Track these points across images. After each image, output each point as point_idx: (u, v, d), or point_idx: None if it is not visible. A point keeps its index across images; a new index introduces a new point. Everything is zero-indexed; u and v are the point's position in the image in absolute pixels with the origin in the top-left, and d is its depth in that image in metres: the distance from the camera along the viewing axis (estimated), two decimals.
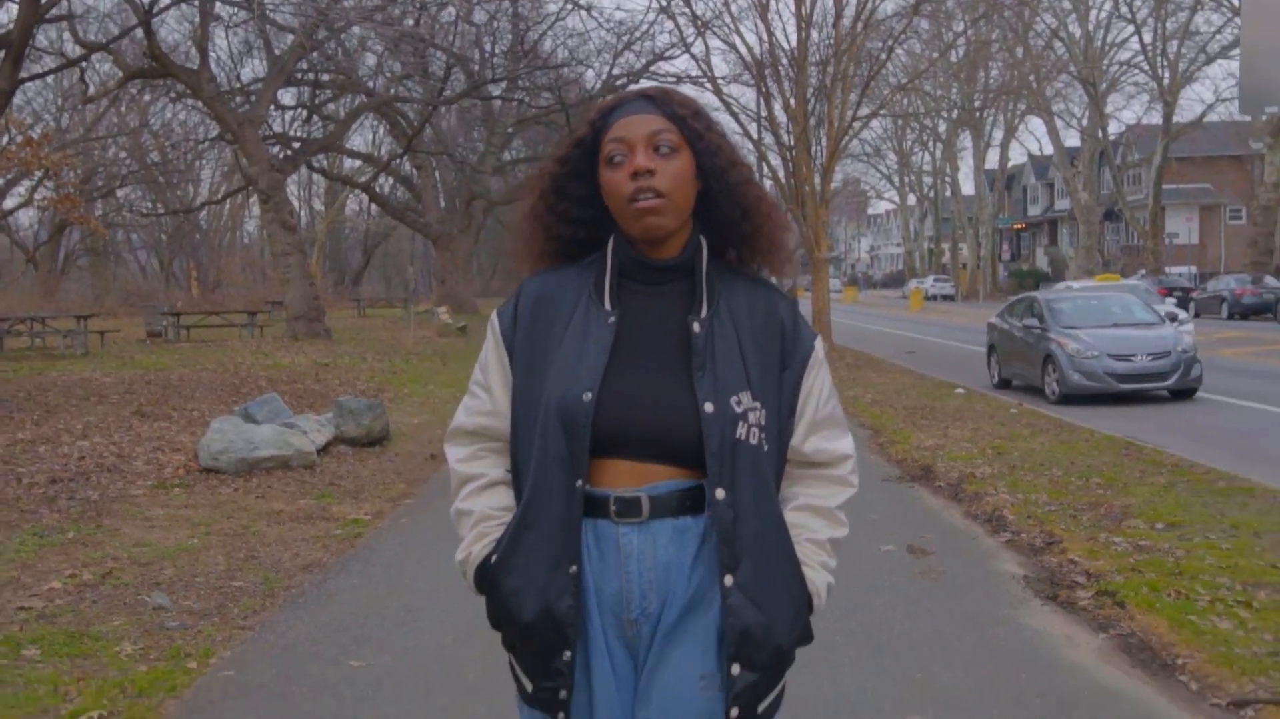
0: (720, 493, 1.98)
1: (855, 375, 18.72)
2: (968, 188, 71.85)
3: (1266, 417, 13.55)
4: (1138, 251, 54.53)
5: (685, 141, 2.07)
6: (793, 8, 24.23)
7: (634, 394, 2.02)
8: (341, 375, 17.95)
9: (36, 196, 39.56)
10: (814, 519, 2.14)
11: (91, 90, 24.40)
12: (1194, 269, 51.67)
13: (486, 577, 2.08)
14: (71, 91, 37.77)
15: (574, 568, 1.99)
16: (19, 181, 39.78)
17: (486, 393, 2.17)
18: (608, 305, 2.08)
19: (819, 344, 2.18)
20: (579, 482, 1.99)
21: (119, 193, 49.09)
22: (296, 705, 4.41)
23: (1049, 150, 59.71)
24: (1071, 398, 15.30)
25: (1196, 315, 36.48)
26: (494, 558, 2.07)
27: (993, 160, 64.94)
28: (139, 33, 23.63)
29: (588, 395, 1.99)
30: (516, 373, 2.12)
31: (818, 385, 2.16)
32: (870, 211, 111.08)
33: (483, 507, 2.14)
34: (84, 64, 22.93)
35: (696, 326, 2.05)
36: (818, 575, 2.11)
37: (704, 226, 2.13)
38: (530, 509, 2.03)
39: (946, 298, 67.00)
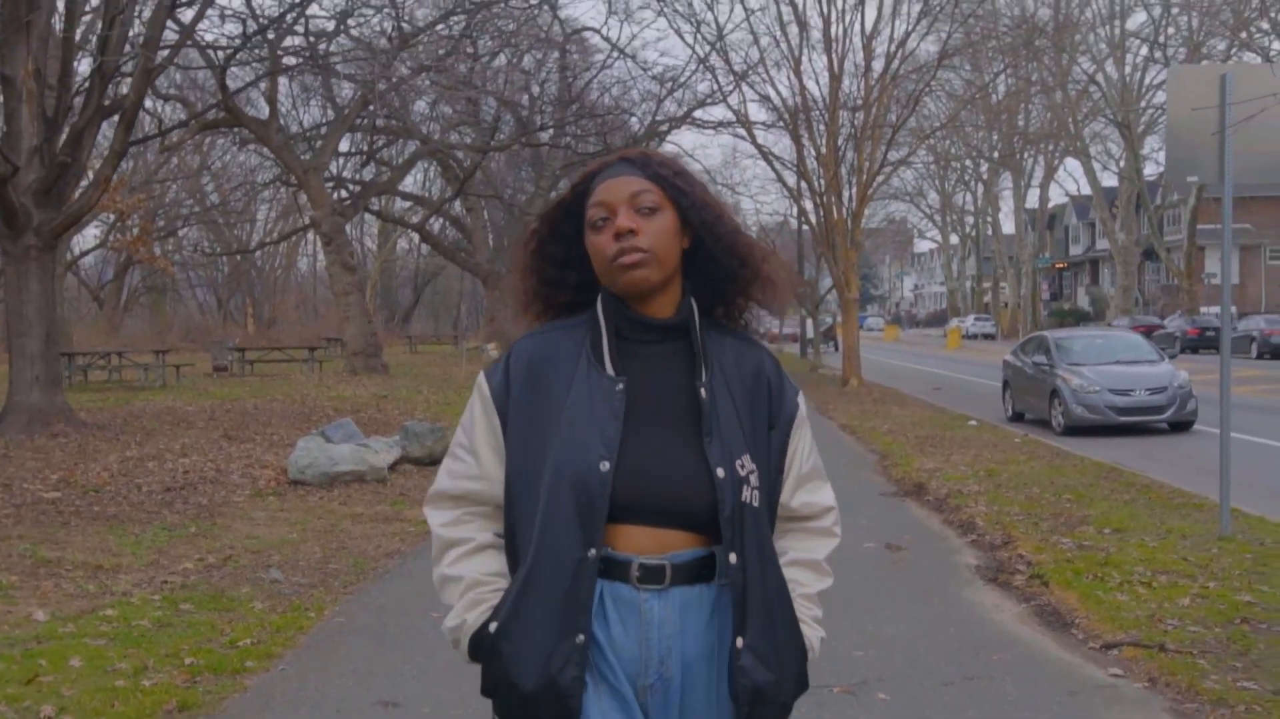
0: (733, 557, 2.00)
1: (878, 409, 19.98)
2: (1009, 227, 72.67)
3: (1254, 448, 14.69)
4: (1176, 291, 55.21)
5: (668, 200, 2.08)
6: (824, 61, 25.71)
7: (647, 463, 2.01)
8: (400, 406, 19.44)
9: (110, 238, 41.54)
10: (805, 573, 2.19)
11: (172, 139, 26.12)
12: (1233, 309, 52.17)
13: (484, 645, 2.03)
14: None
15: (581, 638, 1.97)
16: (89, 224, 41.91)
17: (473, 457, 2.13)
18: (610, 370, 2.06)
19: (802, 400, 2.21)
20: (591, 551, 1.97)
21: (181, 233, 51.35)
22: (393, 641, 5.85)
23: (1087, 191, 60.58)
24: (1076, 429, 16.48)
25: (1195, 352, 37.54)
26: (493, 625, 2.02)
27: (1034, 200, 65.81)
28: (206, 81, 25.42)
29: (605, 465, 1.97)
30: (511, 438, 2.08)
31: (802, 444, 2.20)
32: (915, 250, 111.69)
33: (473, 572, 2.10)
34: (160, 116, 24.66)
35: (704, 392, 2.05)
36: (811, 631, 2.16)
37: (695, 282, 2.15)
38: (535, 576, 1.99)
39: (987, 336, 67.82)
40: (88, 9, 17.90)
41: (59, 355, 14.36)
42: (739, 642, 2.00)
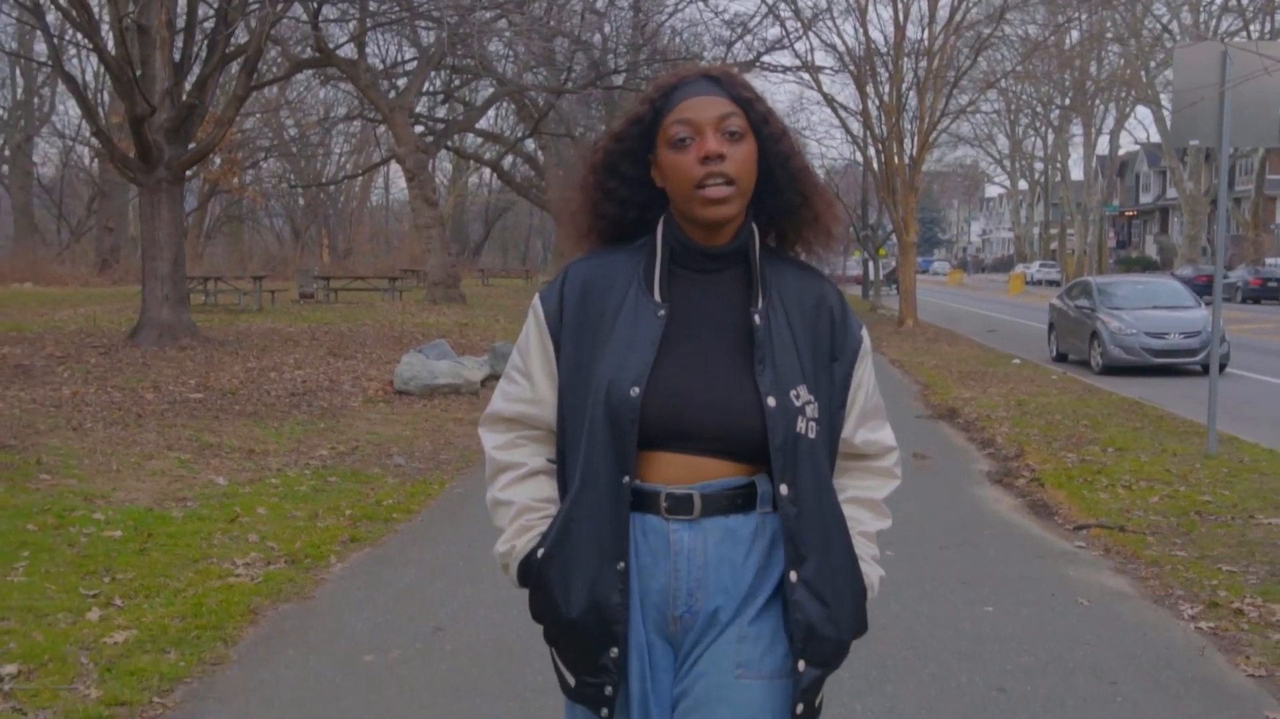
0: (785, 489, 1.96)
1: (930, 347, 21.17)
2: (1079, 174, 72.46)
3: (1273, 388, 15.77)
4: (1242, 241, 55.25)
5: (750, 127, 2.02)
6: (890, 9, 26.65)
7: (686, 388, 1.98)
8: (480, 332, 20.93)
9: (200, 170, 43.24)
10: (863, 512, 2.14)
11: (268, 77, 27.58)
12: None
13: (531, 571, 2.05)
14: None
15: (621, 564, 1.97)
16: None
17: (527, 379, 2.12)
18: (657, 296, 2.03)
19: (865, 334, 2.15)
20: (625, 478, 1.96)
21: (262, 165, 53.16)
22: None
23: (1158, 139, 60.44)
24: (1112, 369, 17.60)
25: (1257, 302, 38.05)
26: (540, 552, 2.03)
27: (1105, 147, 65.73)
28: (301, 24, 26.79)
29: (634, 390, 1.95)
30: (563, 362, 2.07)
31: (866, 377, 2.14)
32: (983, 195, 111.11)
33: (524, 497, 2.10)
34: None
35: (758, 318, 2.01)
36: (870, 569, 2.11)
37: (755, 207, 2.09)
38: (579, 503, 2.00)
39: (1051, 283, 68.10)
40: None
41: (185, 277, 15.95)
42: (792, 576, 1.96)
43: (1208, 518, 7.17)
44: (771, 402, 1.96)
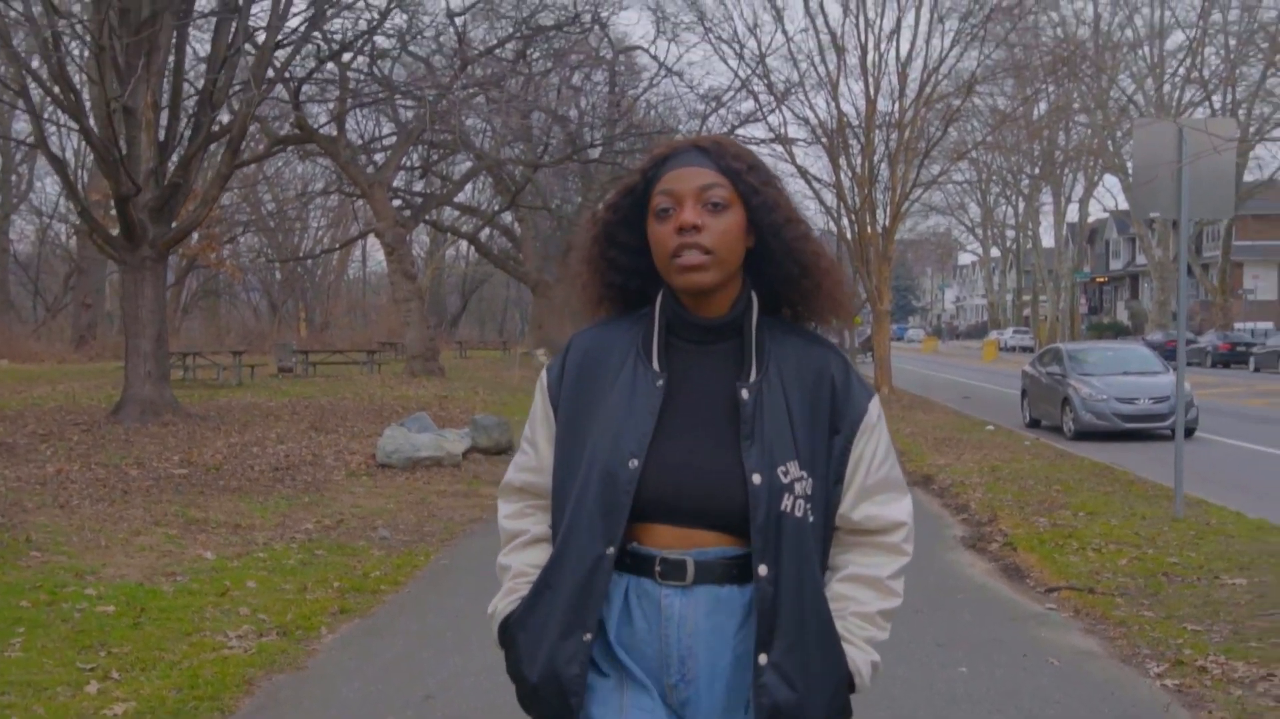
0: (763, 569, 1.93)
1: (905, 414, 21.40)
2: (1049, 241, 73.43)
3: (1245, 452, 16.07)
4: (1212, 307, 56.04)
5: (738, 196, 2.00)
6: (861, 84, 27.21)
7: (680, 462, 1.97)
8: (460, 405, 21.07)
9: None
10: (862, 590, 2.07)
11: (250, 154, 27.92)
12: (1271, 325, 52.81)
13: (506, 633, 2.08)
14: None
15: (587, 636, 1.95)
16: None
17: (533, 449, 2.16)
18: (656, 366, 2.02)
19: (874, 405, 2.09)
20: (610, 549, 1.95)
21: (240, 239, 53.44)
22: (490, 576, 7.44)
23: (1126, 206, 61.35)
24: (1084, 435, 17.88)
25: (1256, 369, 38.68)
26: (514, 615, 2.07)
27: (1075, 214, 66.71)
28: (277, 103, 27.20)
29: (634, 463, 1.95)
30: (560, 429, 2.09)
31: (869, 449, 2.07)
32: (957, 263, 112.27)
33: (519, 563, 2.14)
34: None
35: (745, 393, 1.98)
36: (860, 654, 2.04)
37: (757, 282, 2.08)
38: (553, 570, 2.01)
39: (1025, 349, 68.68)
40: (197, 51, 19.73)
41: (168, 354, 16.09)
42: (761, 658, 1.93)
43: (1174, 579, 7.37)
44: (757, 479, 1.93)
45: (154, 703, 4.78)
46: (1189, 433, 17.95)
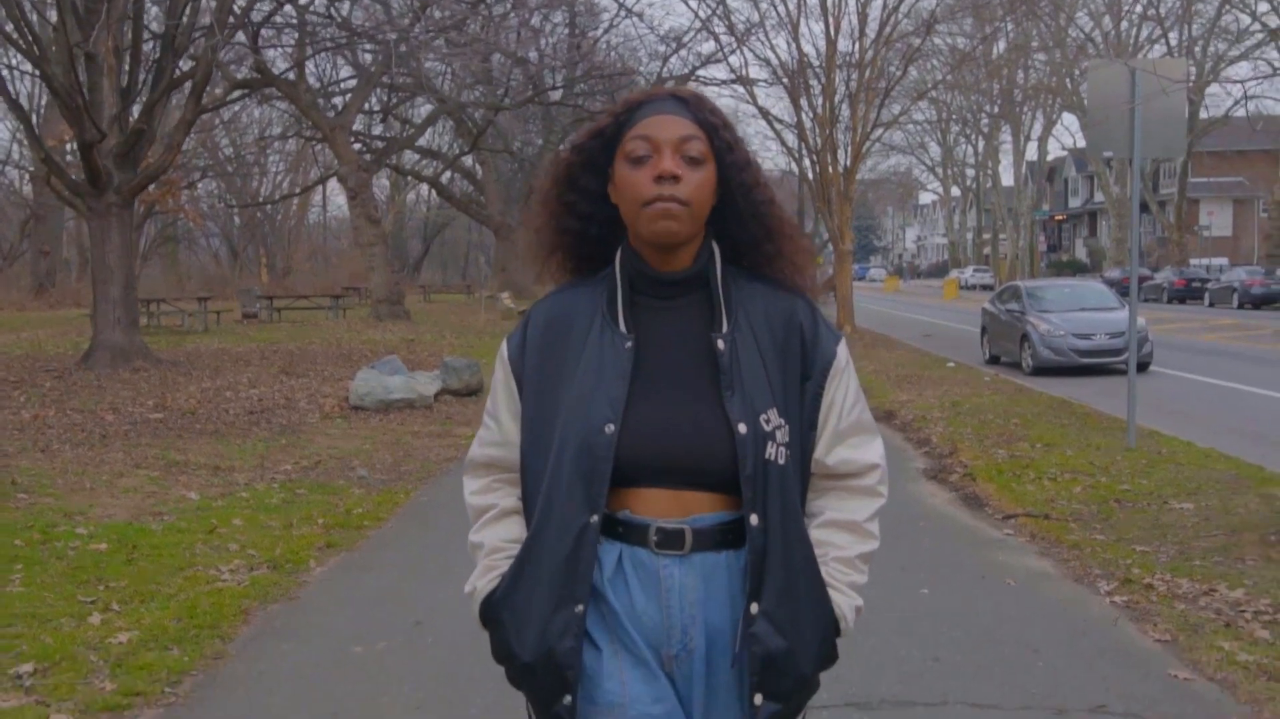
0: (754, 519, 1.91)
1: (868, 353, 21.72)
2: (1009, 180, 73.82)
3: (1197, 385, 16.50)
4: (1168, 244, 56.70)
5: (712, 152, 1.98)
6: (821, 24, 27.29)
7: (660, 421, 1.94)
8: (427, 348, 21.23)
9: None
10: (841, 535, 2.05)
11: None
12: (1226, 261, 53.46)
13: (490, 613, 2.03)
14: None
15: (580, 608, 1.92)
16: None
17: (496, 422, 2.12)
18: (623, 327, 1.99)
19: (842, 349, 2.08)
20: (594, 517, 1.92)
21: (198, 185, 52.94)
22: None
23: (1084, 144, 61.69)
24: (1042, 370, 18.24)
25: (1211, 305, 39.36)
26: (497, 593, 2.02)
27: (1034, 153, 67.07)
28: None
29: (609, 427, 1.92)
30: (526, 402, 2.05)
31: (840, 394, 2.06)
32: (917, 202, 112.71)
33: (493, 539, 2.08)
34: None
35: (721, 343, 1.96)
36: (844, 599, 2.03)
37: (717, 235, 2.05)
38: (535, 544, 1.97)
39: (985, 287, 69.26)
40: None
41: (136, 300, 16.13)
42: (753, 607, 1.91)
43: (1125, 505, 7.71)
44: (742, 428, 1.91)
45: (156, 631, 4.99)
46: (1144, 367, 18.36)
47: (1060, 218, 77.06)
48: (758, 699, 1.92)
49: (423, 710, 4.24)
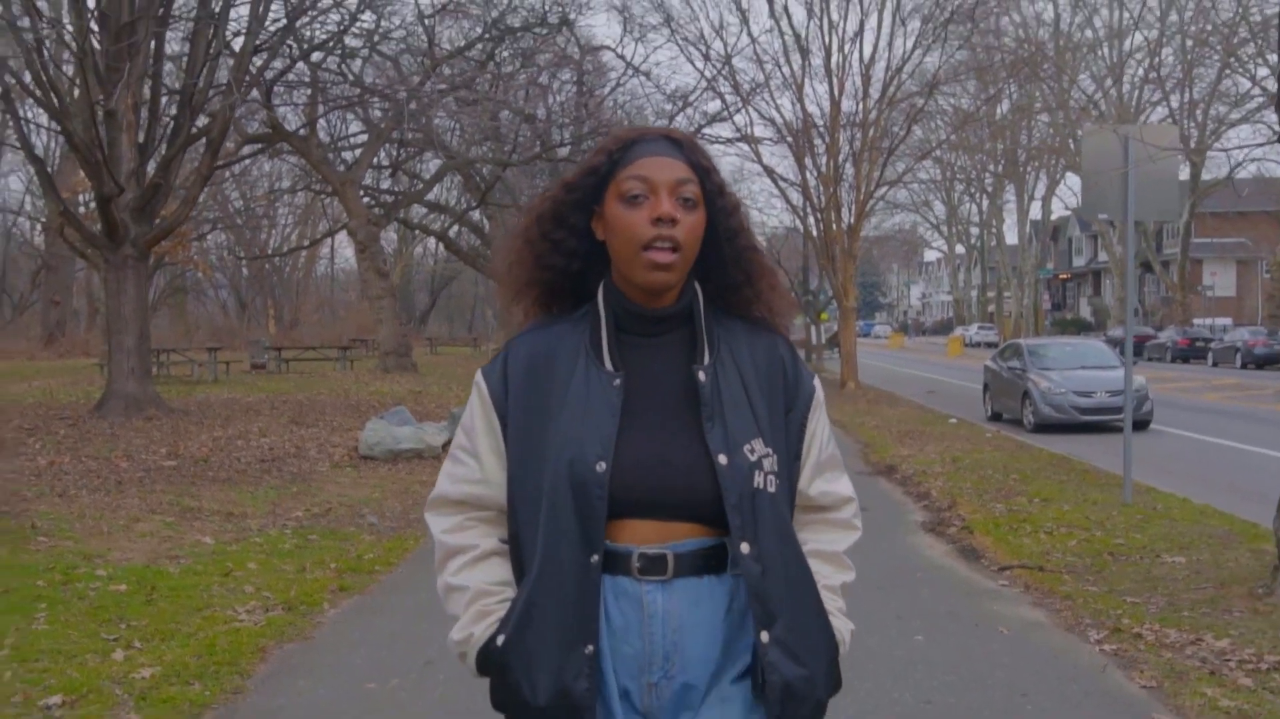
0: (745, 547, 1.91)
1: (871, 409, 21.97)
2: (1013, 238, 74.23)
3: (1197, 443, 16.67)
4: (1172, 303, 56.98)
5: (703, 197, 1.99)
6: (825, 85, 27.76)
7: (647, 457, 1.93)
8: (434, 400, 21.45)
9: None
10: (824, 566, 2.08)
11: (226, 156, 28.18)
12: (1230, 321, 53.63)
13: (492, 659, 1.96)
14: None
15: (590, 648, 1.89)
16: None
17: (474, 459, 2.05)
18: (609, 365, 1.98)
19: (818, 384, 2.13)
20: (594, 557, 1.90)
21: (207, 237, 53.48)
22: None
23: None
24: (1044, 427, 18.45)
25: (1214, 364, 39.53)
26: (500, 639, 1.95)
27: (1038, 212, 67.53)
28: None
29: (601, 465, 1.90)
30: (511, 440, 2.01)
31: (820, 427, 2.11)
32: (922, 259, 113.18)
33: (478, 582, 2.02)
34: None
35: (702, 375, 1.98)
36: (840, 623, 2.06)
37: (699, 279, 2.07)
38: (541, 586, 1.92)
39: (990, 345, 69.46)
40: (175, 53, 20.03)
41: (150, 351, 16.39)
42: (764, 636, 1.90)
43: (1119, 558, 7.89)
44: (723, 460, 1.91)
45: (177, 667, 5.18)
46: (1144, 425, 18.57)
47: (1065, 276, 77.43)
48: None
49: None
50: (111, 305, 15.66)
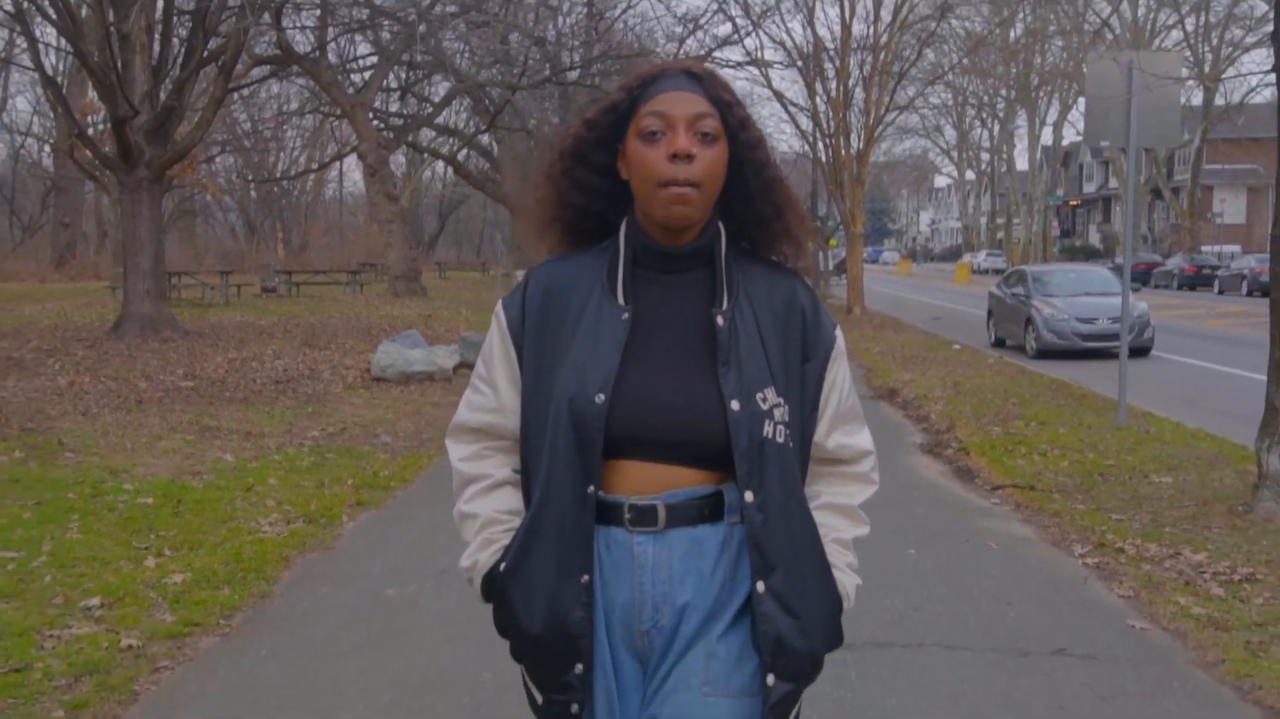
0: (750, 495, 1.90)
1: (876, 334, 22.17)
2: (1024, 164, 73.88)
3: (1197, 369, 16.91)
4: (1181, 230, 56.87)
5: (725, 130, 1.96)
6: (836, 8, 27.68)
7: (651, 394, 1.92)
8: (444, 324, 21.68)
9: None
10: (838, 519, 2.08)
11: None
12: (1239, 248, 53.49)
13: (494, 586, 2.01)
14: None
15: (586, 578, 1.93)
16: None
17: (491, 389, 2.07)
18: (621, 299, 1.98)
19: (840, 334, 2.09)
20: (590, 488, 1.91)
21: (216, 160, 53.46)
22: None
23: None
24: (1046, 353, 18.65)
25: (1220, 292, 39.61)
26: (502, 566, 1.99)
27: (1050, 138, 67.17)
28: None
29: (600, 397, 1.90)
30: (525, 370, 2.02)
31: (840, 378, 2.07)
32: (932, 185, 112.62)
33: (488, 510, 2.06)
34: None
35: (720, 319, 1.95)
36: (846, 578, 2.06)
37: (723, 214, 2.03)
38: (541, 515, 1.95)
39: (998, 271, 69.37)
40: None
41: (165, 272, 16.64)
42: (759, 586, 1.91)
43: (1108, 478, 8.16)
44: (735, 405, 1.90)
45: (207, 573, 5.49)
46: (1145, 352, 18.78)
47: (1075, 203, 77.14)
48: (770, 680, 1.92)
49: (453, 642, 4.72)
50: (126, 228, 15.88)
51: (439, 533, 6.51)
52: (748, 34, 29.72)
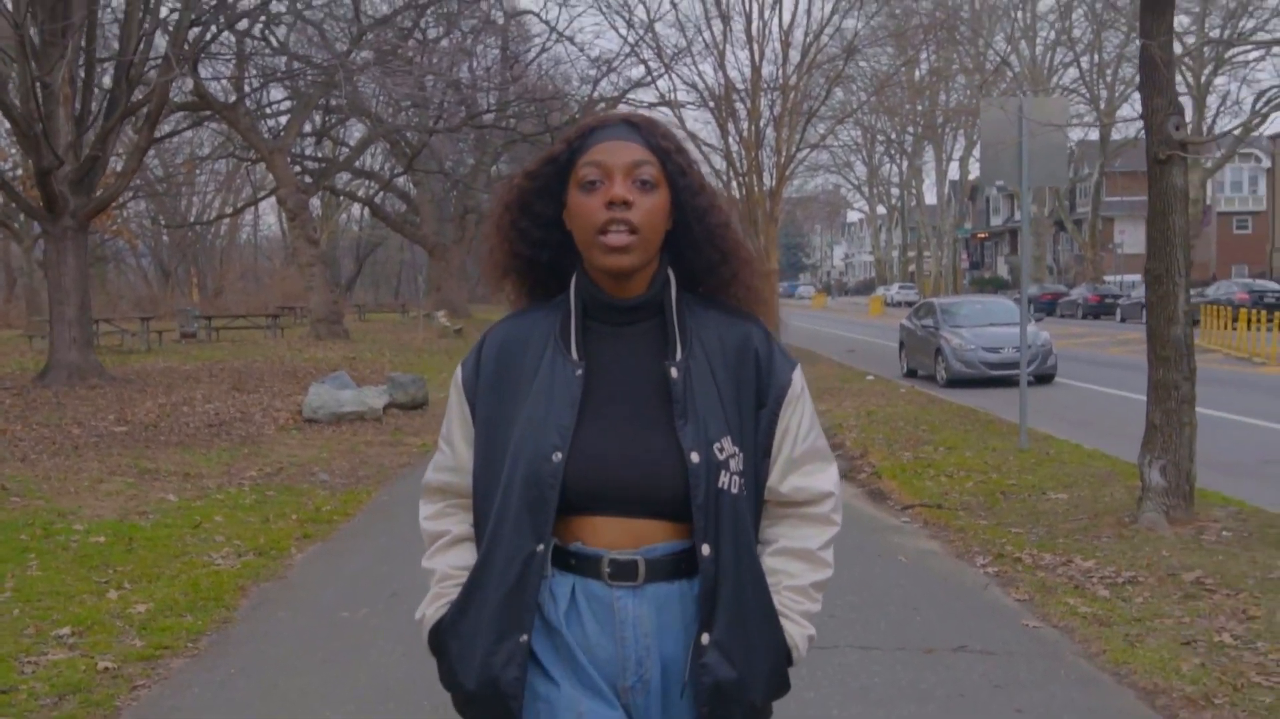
0: (706, 549, 1.90)
1: None
2: (932, 198, 75.57)
3: (1097, 395, 17.71)
4: (1084, 261, 58.65)
5: (665, 177, 1.97)
6: (746, 51, 28.45)
7: (608, 449, 1.93)
8: (369, 365, 21.93)
9: None
10: (794, 563, 2.04)
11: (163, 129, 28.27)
12: (1139, 278, 55.03)
13: (438, 640, 2.04)
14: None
15: (524, 637, 1.91)
16: None
17: (450, 448, 2.11)
18: (574, 354, 1.98)
19: (798, 375, 2.09)
20: (540, 546, 1.91)
21: (128, 206, 52.95)
22: None
23: None
24: (956, 382, 19.39)
25: (1122, 320, 40.95)
26: (445, 621, 2.02)
27: (957, 173, 68.91)
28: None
29: (557, 455, 1.90)
30: (478, 428, 2.04)
31: (795, 420, 2.05)
32: (845, 220, 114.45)
33: (444, 566, 2.08)
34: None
35: (674, 371, 1.95)
36: (796, 629, 2.03)
37: (673, 263, 2.04)
38: (482, 573, 1.97)
39: (910, 304, 70.64)
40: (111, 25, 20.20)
41: (91, 320, 16.74)
42: (704, 637, 1.92)
43: (1009, 496, 8.75)
44: (695, 457, 1.90)
45: (168, 603, 5.82)
46: (1048, 379, 19.60)
47: (983, 236, 79.05)
48: None
49: (409, 657, 5.09)
50: (51, 277, 16.00)
51: (385, 561, 6.90)
52: (660, 76, 30.48)
